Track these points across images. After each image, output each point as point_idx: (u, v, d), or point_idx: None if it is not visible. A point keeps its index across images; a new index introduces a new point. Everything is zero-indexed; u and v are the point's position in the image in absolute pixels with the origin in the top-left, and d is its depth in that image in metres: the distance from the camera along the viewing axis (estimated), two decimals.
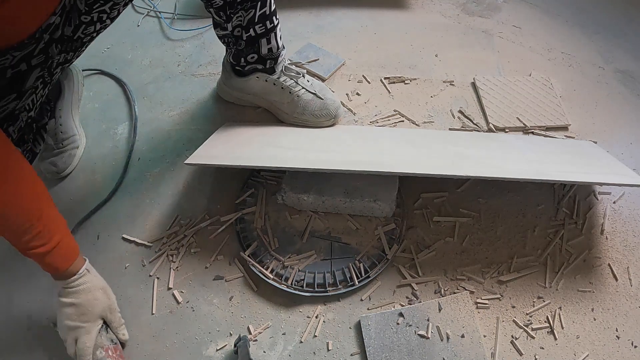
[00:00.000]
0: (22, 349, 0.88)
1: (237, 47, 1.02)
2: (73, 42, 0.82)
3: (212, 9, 0.95)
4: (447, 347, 0.83)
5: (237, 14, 0.93)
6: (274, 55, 1.04)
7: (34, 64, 0.74)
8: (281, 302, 0.92)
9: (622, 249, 0.96)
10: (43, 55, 0.75)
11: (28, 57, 0.72)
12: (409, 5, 1.50)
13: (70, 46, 0.82)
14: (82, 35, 0.83)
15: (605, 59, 1.33)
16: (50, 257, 0.75)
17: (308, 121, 1.11)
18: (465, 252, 0.96)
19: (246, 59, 1.04)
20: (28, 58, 0.72)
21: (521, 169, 0.92)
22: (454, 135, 1.11)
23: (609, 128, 1.16)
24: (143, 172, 1.11)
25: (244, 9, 0.92)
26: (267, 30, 0.99)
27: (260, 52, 1.02)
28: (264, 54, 1.03)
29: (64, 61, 0.84)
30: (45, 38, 0.72)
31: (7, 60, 0.68)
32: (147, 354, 0.87)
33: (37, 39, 0.70)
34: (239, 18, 0.94)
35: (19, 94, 0.75)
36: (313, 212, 1.01)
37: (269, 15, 0.97)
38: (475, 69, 1.29)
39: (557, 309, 0.88)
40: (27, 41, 0.68)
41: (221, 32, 1.01)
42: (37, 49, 0.72)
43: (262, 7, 0.94)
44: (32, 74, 0.75)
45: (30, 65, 0.74)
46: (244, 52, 1.02)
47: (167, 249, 0.98)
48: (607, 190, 1.04)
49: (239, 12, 0.93)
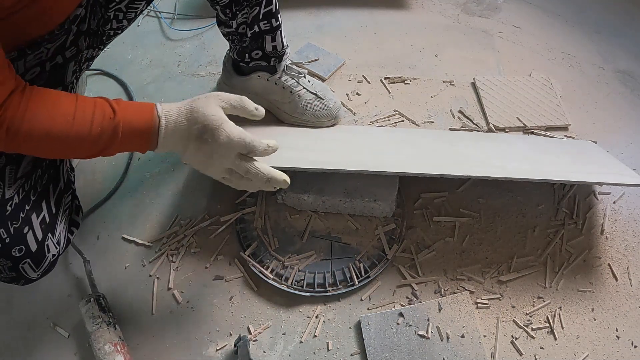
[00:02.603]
0: (22, 349, 0.88)
1: (241, 45, 1.02)
2: (98, 37, 0.83)
3: (218, 7, 0.95)
4: (447, 347, 0.83)
5: (242, 11, 0.93)
6: (278, 54, 1.04)
7: (68, 57, 0.75)
8: (281, 302, 0.92)
9: (622, 249, 0.96)
10: (75, 48, 0.75)
11: (61, 49, 0.72)
12: (409, 5, 1.50)
13: (96, 41, 0.83)
14: (103, 31, 0.84)
15: (605, 59, 1.33)
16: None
17: (308, 121, 1.10)
18: (465, 252, 0.96)
19: (250, 55, 1.04)
20: (61, 50, 0.73)
21: (521, 169, 0.92)
22: (454, 135, 1.11)
23: (609, 128, 1.16)
24: (143, 172, 1.11)
25: (249, 5, 0.92)
26: (272, 27, 0.99)
27: (264, 48, 1.02)
28: (268, 52, 1.03)
29: (90, 57, 0.84)
30: (73, 29, 0.72)
31: (42, 53, 0.69)
32: (147, 354, 0.87)
33: (67, 30, 0.71)
34: (244, 15, 0.94)
35: (63, 88, 0.75)
36: (313, 212, 1.01)
37: (274, 14, 0.97)
38: (475, 69, 1.29)
39: (557, 309, 0.88)
40: (57, 32, 0.68)
41: (225, 29, 1.01)
42: (67, 40, 0.72)
43: (267, 5, 0.95)
44: (69, 66, 0.76)
45: (65, 57, 0.74)
46: (249, 48, 1.02)
47: (167, 249, 0.98)
48: (607, 190, 1.04)
49: (245, 9, 0.93)
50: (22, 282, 0.73)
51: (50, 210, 0.75)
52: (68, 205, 0.81)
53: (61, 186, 0.79)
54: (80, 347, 0.87)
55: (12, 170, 0.69)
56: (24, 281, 0.73)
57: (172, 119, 0.68)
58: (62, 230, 0.77)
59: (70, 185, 0.83)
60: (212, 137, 0.68)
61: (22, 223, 0.69)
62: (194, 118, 0.67)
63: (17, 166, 0.70)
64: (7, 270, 0.69)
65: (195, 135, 0.68)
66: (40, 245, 0.71)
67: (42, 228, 0.72)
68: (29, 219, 0.70)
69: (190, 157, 0.71)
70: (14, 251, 0.68)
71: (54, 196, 0.77)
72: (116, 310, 0.90)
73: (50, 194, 0.76)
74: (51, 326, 0.90)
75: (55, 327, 0.89)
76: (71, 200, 0.83)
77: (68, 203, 0.81)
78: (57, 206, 0.77)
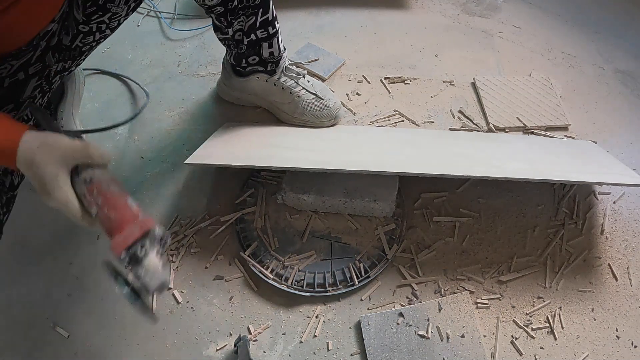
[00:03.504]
0: (22, 349, 0.88)
1: (238, 50, 1.03)
2: (71, 51, 0.82)
3: (212, 15, 0.95)
4: (447, 347, 0.83)
5: (238, 19, 0.93)
6: (275, 59, 1.04)
7: (32, 73, 0.74)
8: (281, 302, 0.92)
9: (622, 249, 0.96)
10: (40, 64, 0.74)
11: (25, 65, 0.71)
12: (409, 5, 1.50)
13: (68, 55, 0.82)
14: (81, 44, 0.82)
15: (605, 59, 1.33)
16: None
17: (308, 122, 1.11)
18: (465, 252, 0.96)
19: (247, 60, 1.04)
20: (26, 67, 0.72)
21: (521, 169, 0.92)
22: (454, 135, 1.11)
23: (609, 128, 1.16)
24: (143, 172, 1.11)
25: (245, 14, 0.92)
26: (269, 35, 0.99)
27: (261, 54, 1.02)
28: (265, 57, 1.03)
29: (62, 70, 0.83)
30: (41, 45, 0.71)
31: (5, 69, 0.68)
32: (147, 354, 0.87)
33: (35, 46, 0.70)
34: (240, 23, 0.94)
35: (16, 104, 0.74)
36: (313, 212, 1.01)
37: (271, 21, 0.97)
38: (475, 69, 1.29)
39: (557, 309, 0.88)
40: (24, 48, 0.67)
41: (222, 35, 1.01)
42: (34, 56, 0.71)
43: (263, 14, 0.94)
44: (30, 83, 0.75)
45: (28, 74, 0.73)
46: (246, 54, 1.02)
47: (167, 249, 0.98)
48: (607, 190, 1.04)
49: (240, 17, 0.92)
50: None
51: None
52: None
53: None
54: (80, 347, 0.87)
55: None
56: None
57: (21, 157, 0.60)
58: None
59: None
60: (43, 199, 0.62)
61: None
62: (33, 174, 0.61)
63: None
64: None
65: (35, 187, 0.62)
66: None
67: None
68: None
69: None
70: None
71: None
72: (116, 310, 0.91)
73: None
74: (51, 326, 0.90)
75: (55, 327, 0.89)
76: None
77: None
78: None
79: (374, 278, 0.92)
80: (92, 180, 0.63)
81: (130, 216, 0.62)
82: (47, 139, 0.61)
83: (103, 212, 0.62)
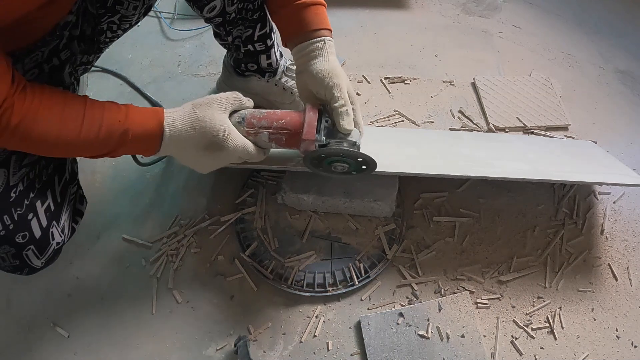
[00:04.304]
0: (22, 349, 0.88)
1: (236, 56, 1.03)
2: (93, 44, 0.84)
3: (212, 24, 0.96)
4: (447, 347, 0.83)
5: (237, 27, 0.93)
6: (272, 68, 1.05)
7: (64, 59, 0.75)
8: (281, 302, 0.92)
9: (622, 249, 0.96)
10: (68, 51, 0.76)
11: (55, 51, 0.73)
12: (409, 5, 1.50)
13: (92, 47, 0.84)
14: (98, 39, 0.84)
15: (605, 59, 1.33)
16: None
17: None
18: (465, 252, 0.96)
19: (246, 65, 1.04)
20: (56, 52, 0.73)
21: (521, 169, 0.92)
22: (454, 135, 1.11)
23: (609, 128, 1.16)
24: (143, 172, 1.11)
25: (243, 25, 0.93)
26: (267, 47, 0.99)
27: (259, 64, 1.03)
28: (263, 67, 1.04)
29: (85, 62, 0.85)
30: (65, 34, 0.73)
31: (38, 55, 0.70)
32: (147, 354, 0.87)
33: (59, 36, 0.71)
34: (239, 30, 0.94)
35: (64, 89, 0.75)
36: (313, 212, 1.01)
37: (268, 34, 0.98)
38: (475, 69, 1.29)
39: (557, 309, 0.88)
40: (48, 38, 0.69)
41: (221, 41, 1.02)
42: (60, 43, 0.73)
43: (262, 28, 0.95)
44: (65, 69, 0.76)
45: (61, 59, 0.75)
46: (244, 60, 1.03)
47: (167, 249, 0.98)
48: (607, 190, 1.04)
49: (239, 26, 0.93)
50: (26, 271, 0.73)
51: (56, 200, 0.75)
52: (73, 196, 0.82)
53: (66, 177, 0.79)
54: (80, 347, 0.88)
55: (17, 159, 0.70)
56: (27, 270, 0.73)
57: (177, 126, 0.69)
58: (67, 219, 0.78)
59: (75, 176, 0.84)
60: (220, 148, 0.70)
61: (27, 210, 0.69)
62: (202, 128, 0.69)
63: (23, 155, 0.70)
64: (11, 257, 0.69)
65: (202, 146, 0.70)
66: (44, 232, 0.71)
67: (47, 215, 0.72)
68: (34, 206, 0.70)
69: (188, 161, 0.73)
70: (18, 237, 0.68)
71: (59, 186, 0.77)
72: (116, 310, 0.91)
73: (56, 183, 0.76)
74: (51, 326, 0.90)
75: (55, 327, 0.89)
76: (76, 191, 0.83)
77: (73, 194, 0.82)
78: (63, 196, 0.77)
79: (374, 278, 0.92)
80: (244, 119, 0.73)
81: (295, 112, 0.73)
82: (196, 101, 0.71)
83: (273, 128, 0.72)
